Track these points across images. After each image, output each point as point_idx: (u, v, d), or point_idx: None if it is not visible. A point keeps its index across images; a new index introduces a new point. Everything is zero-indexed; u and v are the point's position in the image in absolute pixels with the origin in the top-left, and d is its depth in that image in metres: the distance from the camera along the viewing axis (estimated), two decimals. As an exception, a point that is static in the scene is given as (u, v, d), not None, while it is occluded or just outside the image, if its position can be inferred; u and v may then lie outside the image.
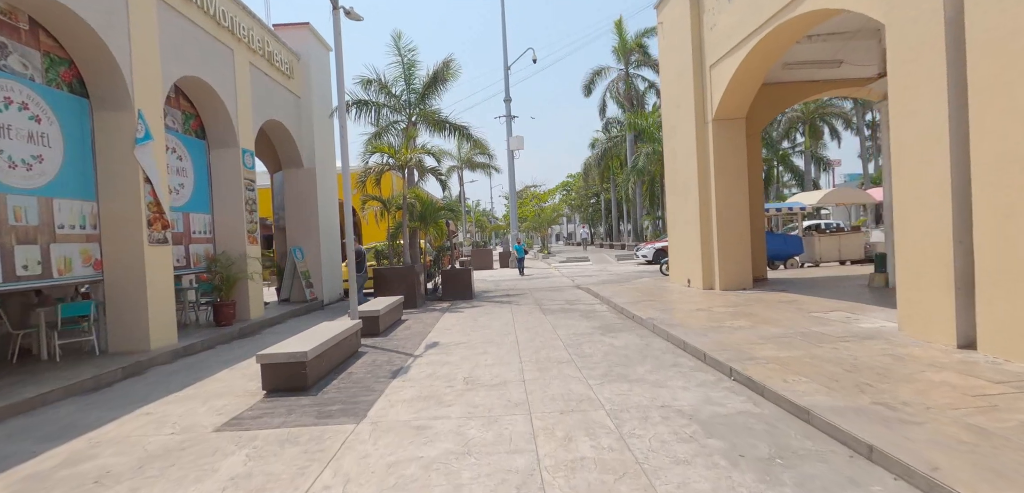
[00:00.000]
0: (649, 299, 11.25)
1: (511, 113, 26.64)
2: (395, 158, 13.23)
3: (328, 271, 15.67)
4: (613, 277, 18.75)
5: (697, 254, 12.34)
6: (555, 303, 12.59)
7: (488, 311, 11.78)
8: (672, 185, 14.10)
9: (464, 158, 41.29)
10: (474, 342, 8.20)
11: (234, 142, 11.33)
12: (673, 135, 13.77)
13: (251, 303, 11.40)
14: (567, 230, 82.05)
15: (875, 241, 17.36)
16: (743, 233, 11.82)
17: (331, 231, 16.24)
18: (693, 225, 12.54)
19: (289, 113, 14.41)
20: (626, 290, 13.21)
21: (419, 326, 10.16)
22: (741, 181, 11.79)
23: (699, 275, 12.31)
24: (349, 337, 7.45)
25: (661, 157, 29.74)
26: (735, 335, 7.01)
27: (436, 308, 12.94)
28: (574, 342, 7.76)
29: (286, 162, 15.08)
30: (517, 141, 26.14)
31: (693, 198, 12.44)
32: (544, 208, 41.96)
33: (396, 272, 13.22)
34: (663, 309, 9.69)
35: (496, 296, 14.85)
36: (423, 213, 14.92)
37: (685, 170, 12.94)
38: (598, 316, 10.20)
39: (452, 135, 16.02)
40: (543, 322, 9.81)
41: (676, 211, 13.86)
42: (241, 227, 11.39)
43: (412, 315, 11.82)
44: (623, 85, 34.40)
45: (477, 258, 27.14)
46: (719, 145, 11.67)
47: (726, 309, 9.20)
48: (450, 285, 14.62)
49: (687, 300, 10.71)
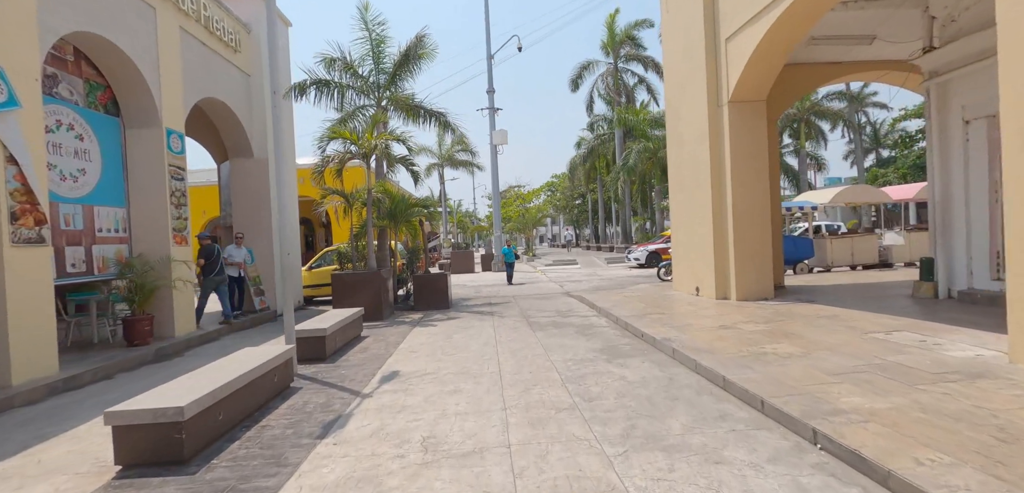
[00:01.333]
0: (656, 311, 9.52)
1: (494, 105, 24.83)
2: (358, 145, 11.31)
3: (285, 276, 13.61)
4: (606, 283, 17.05)
5: (708, 258, 10.66)
6: (544, 314, 10.80)
7: (466, 325, 9.94)
8: (677, 180, 12.43)
9: (445, 155, 39.43)
10: (444, 372, 6.35)
11: (156, 121, 9.31)
12: (678, 122, 12.10)
13: (177, 317, 9.38)
14: (552, 232, 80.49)
15: (888, 244, 16.00)
16: (764, 234, 10.18)
17: (290, 231, 14.17)
18: (703, 225, 10.86)
19: (236, 93, 12.39)
20: (626, 300, 11.48)
21: (379, 346, 8.27)
22: (761, 173, 10.15)
23: (711, 282, 10.63)
24: (274, 370, 5.55)
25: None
26: (789, 367, 5.29)
27: (406, 320, 11.05)
28: (574, 373, 5.97)
29: (233, 150, 13.05)
30: (501, 135, 24.34)
31: (703, 194, 10.77)
32: (529, 208, 40.22)
33: (357, 278, 11.30)
34: (677, 326, 7.95)
35: (476, 305, 13.01)
36: (393, 210, 13.01)
37: (693, 162, 11.27)
38: (598, 333, 8.43)
39: (428, 122, 14.14)
40: (532, 341, 8.01)
41: (681, 209, 12.18)
42: (165, 224, 9.36)
43: (375, 330, 9.92)
44: (611, 79, 32.85)
45: (457, 261, 25.25)
46: (736, 131, 10.01)
47: (756, 327, 7.50)
48: (423, 293, 12.73)
49: (702, 313, 9.01)
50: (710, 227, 10.56)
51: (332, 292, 11.35)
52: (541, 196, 55.31)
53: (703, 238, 10.90)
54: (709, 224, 10.59)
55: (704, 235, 10.84)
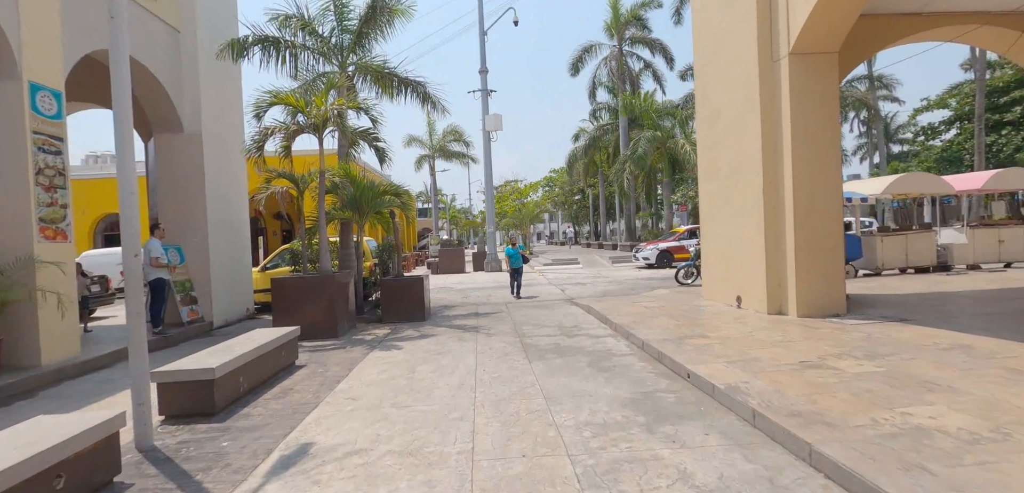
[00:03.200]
0: (694, 332, 7.07)
1: (487, 87, 22.32)
2: (306, 113, 8.81)
3: (226, 280, 11.14)
4: (614, 286, 14.60)
5: (756, 262, 8.23)
6: (544, 332, 8.35)
7: (441, 347, 7.48)
8: (708, 165, 9.97)
9: (436, 146, 36.91)
10: (382, 451, 3.89)
11: (13, 71, 6.79)
12: (712, 92, 9.64)
13: (43, 337, 6.88)
14: (549, 228, 78.03)
15: (948, 244, 13.62)
16: (835, 231, 7.75)
17: (235, 225, 11.72)
18: (748, 219, 8.43)
19: (157, 51, 9.86)
20: (648, 313, 9.02)
21: (309, 387, 5.80)
22: (832, 149, 7.72)
23: (759, 292, 8.20)
24: (84, 454, 3.08)
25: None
26: (1007, 472, 2.85)
27: (366, 338, 8.58)
28: (598, 461, 3.52)
29: (159, 124, 10.52)
30: (494, 120, 21.85)
31: (750, 179, 8.33)
32: (526, 203, 37.74)
33: (304, 285, 8.81)
34: (737, 359, 5.50)
35: (459, 316, 10.54)
36: (357, 198, 10.53)
37: (734, 139, 8.83)
38: (621, 368, 5.98)
39: (403, 94, 11.65)
40: (527, 381, 5.55)
41: (715, 201, 9.73)
42: (25, 212, 6.86)
43: (319, 355, 7.44)
44: (615, 64, 30.38)
45: (446, 260, 22.77)
46: (800, 94, 7.57)
47: (860, 365, 5.06)
48: (394, 301, 10.25)
49: (761, 337, 6.56)
50: (759, 221, 8.12)
51: (272, 303, 8.86)
52: (538, 191, 52.86)
53: (748, 236, 8.46)
54: (757, 218, 8.15)
55: (750, 232, 8.40)
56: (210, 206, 10.65)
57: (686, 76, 34.56)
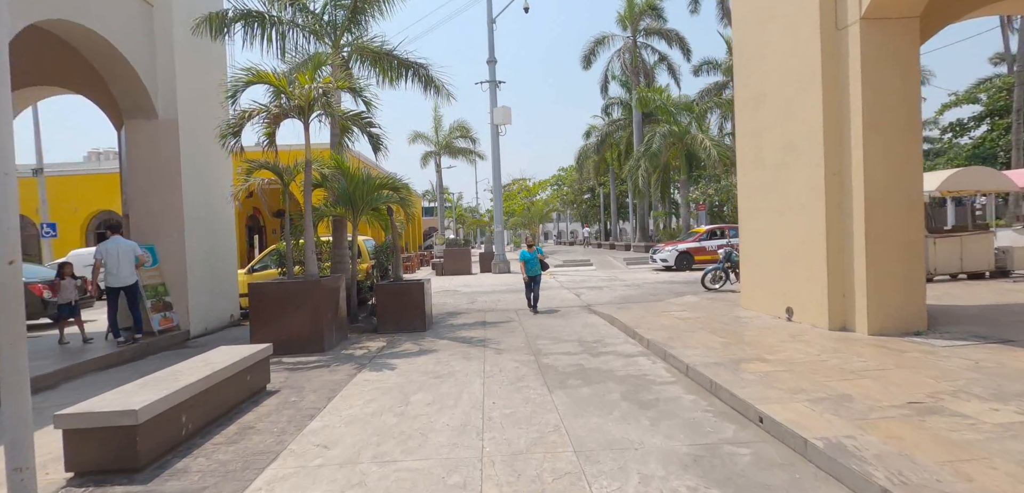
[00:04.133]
0: (753, 355, 5.82)
1: (495, 78, 21.10)
2: (289, 94, 7.64)
3: (206, 284, 10.02)
4: (634, 290, 13.35)
5: (814, 267, 6.97)
6: (563, 349, 7.13)
7: (442, 367, 6.28)
8: (750, 154, 8.70)
9: (442, 142, 35.72)
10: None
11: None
12: (758, 68, 8.37)
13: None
14: (558, 228, 76.71)
15: (1007, 246, 12.26)
16: (915, 230, 6.48)
17: (217, 221, 10.59)
18: (803, 215, 7.18)
19: (127, 27, 8.75)
20: (685, 327, 7.78)
21: (273, 426, 4.62)
22: (911, 134, 6.45)
23: (817, 303, 6.94)
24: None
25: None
26: None
27: (356, 353, 7.40)
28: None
29: (130, 109, 9.40)
30: (503, 113, 20.64)
31: (806, 169, 7.07)
32: (535, 202, 36.48)
33: (285, 291, 7.65)
34: (830, 400, 4.27)
35: (466, 326, 9.36)
36: (351, 193, 9.38)
37: (785, 123, 7.57)
38: (667, 402, 4.75)
39: (402, 77, 10.47)
40: (549, 422, 4.35)
41: (758, 195, 8.47)
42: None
43: (298, 375, 6.27)
44: (629, 56, 29.05)
45: (451, 260, 21.61)
46: (872, 65, 6.30)
47: (1010, 414, 3.82)
48: (390, 308, 9.07)
49: (841, 363, 5.31)
50: (818, 218, 6.86)
51: (250, 311, 7.71)
52: (547, 190, 51.53)
53: (802, 235, 7.21)
54: (816, 213, 6.89)
55: (804, 230, 7.14)
56: (187, 200, 9.53)
57: (700, 71, 33.18)
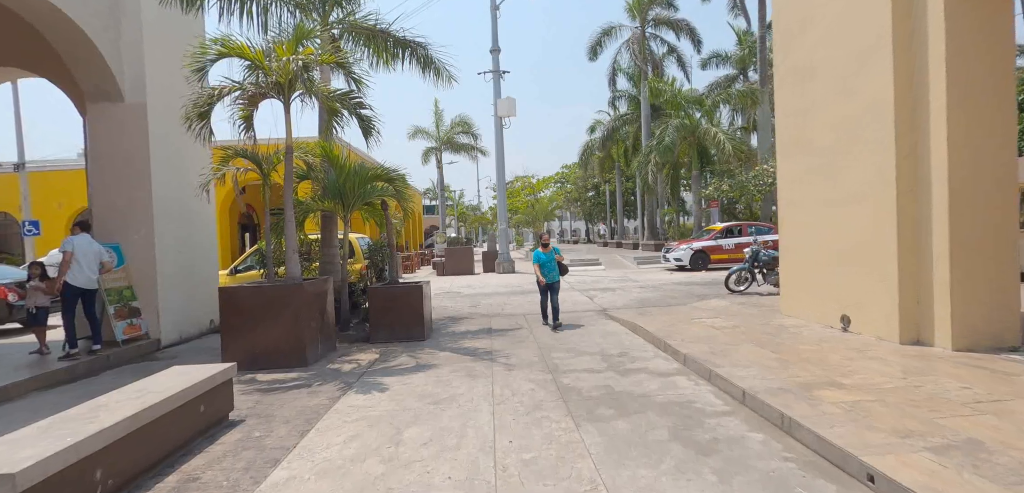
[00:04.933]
0: (824, 379, 4.76)
1: (499, 67, 20.05)
2: (265, 69, 6.60)
3: (180, 286, 8.99)
4: (652, 292, 12.31)
5: (877, 266, 5.92)
6: (584, 364, 6.09)
7: (441, 390, 5.24)
8: (795, 135, 7.62)
9: (443, 137, 34.68)
10: None
11: None
12: (805, 36, 7.28)
13: None
14: (560, 227, 75.63)
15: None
16: (1009, 224, 5.42)
17: (193, 216, 9.55)
18: (864, 206, 6.13)
19: (88, 0, 7.73)
20: (725, 339, 6.72)
21: (226, 475, 3.58)
22: (1006, 109, 5.39)
23: (883, 310, 5.88)
24: None
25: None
26: None
27: (342, 369, 6.37)
28: None
29: (93, 92, 8.37)
30: (507, 104, 19.59)
31: (868, 151, 6.02)
32: (539, 199, 35.40)
33: (260, 298, 6.62)
34: (957, 448, 3.22)
35: (469, 333, 8.33)
36: (340, 186, 8.35)
37: (841, 98, 6.50)
38: (730, 443, 3.70)
39: (399, 58, 9.43)
40: (582, 474, 3.31)
41: (804, 183, 7.40)
42: None
43: (266, 401, 5.24)
44: (637, 47, 27.96)
45: (453, 260, 20.58)
46: (959, 24, 5.24)
47: None
48: (384, 315, 8.03)
49: (935, 389, 4.26)
50: (886, 210, 5.80)
51: (220, 320, 6.68)
52: (550, 188, 50.35)
53: (865, 231, 6.15)
54: (884, 205, 5.84)
55: (867, 225, 6.09)
56: (158, 193, 8.50)
57: (709, 65, 32.11)
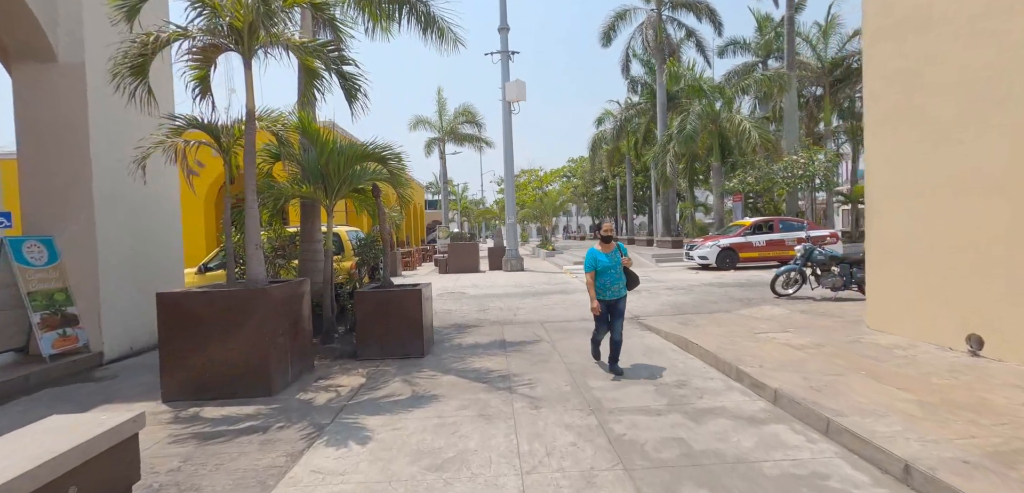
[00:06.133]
0: (1017, 443, 3.23)
1: (508, 48, 18.46)
2: (217, 8, 5.04)
3: (130, 288, 7.46)
4: (682, 295, 10.76)
5: (1021, 276, 4.35)
6: (636, 399, 4.53)
7: (445, 441, 3.71)
8: (894, 102, 6.02)
9: (447, 128, 33.10)
10: None
11: None
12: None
13: None
14: (565, 222, 74.02)
15: None
16: None
17: (151, 203, 8.02)
18: (1011, 197, 4.55)
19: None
20: (816, 361, 5.17)
21: None
22: None
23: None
24: None
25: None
26: None
27: (317, 401, 4.84)
28: None
29: (18, 50, 6.84)
30: (517, 88, 18.01)
31: (1011, 122, 4.44)
32: (548, 192, 33.79)
33: (211, 307, 5.10)
34: None
35: (478, 347, 6.79)
36: (322, 167, 6.82)
37: (973, 44, 4.92)
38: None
39: (395, 17, 7.89)
40: None
41: (909, 165, 5.83)
42: None
43: (202, 451, 3.71)
44: (653, 32, 26.29)
45: (457, 255, 19.04)
46: None
47: None
48: (374, 325, 6.49)
49: None
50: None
51: (159, 336, 5.15)
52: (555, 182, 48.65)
53: (1003, 227, 4.59)
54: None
55: (1006, 220, 4.53)
56: (101, 173, 6.97)
57: (725, 52, 30.41)
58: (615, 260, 5.29)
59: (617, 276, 5.29)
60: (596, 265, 5.27)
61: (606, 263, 5.25)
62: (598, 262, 5.26)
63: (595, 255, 5.31)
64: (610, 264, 5.26)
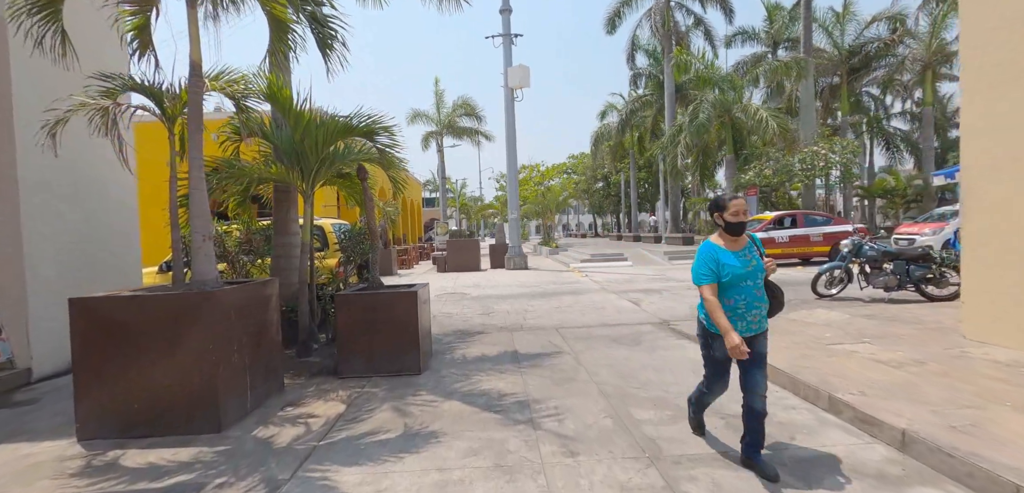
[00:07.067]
0: None
1: (510, 30, 17.26)
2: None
3: (74, 291, 6.22)
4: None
5: None
6: (709, 446, 3.36)
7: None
8: (1012, 53, 4.86)
9: (444, 121, 31.88)
10: None
11: None
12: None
13: None
14: (566, 218, 72.87)
15: None
16: None
17: (96, 189, 6.79)
18: None
19: None
20: (935, 386, 3.99)
21: None
22: None
23: None
24: None
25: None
26: None
27: (280, 438, 3.65)
28: None
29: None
30: (520, 73, 16.81)
31: None
32: (551, 188, 32.57)
33: (141, 316, 3.90)
34: None
35: (486, 361, 5.60)
36: (297, 144, 5.64)
37: None
38: None
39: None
40: None
41: (1021, 135, 4.66)
42: None
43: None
44: (660, 19, 25.11)
45: (457, 253, 17.83)
46: None
47: None
48: (357, 336, 5.28)
49: None
50: None
51: (73, 353, 3.96)
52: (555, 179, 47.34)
53: None
54: None
55: None
56: (25, 155, 5.74)
57: (733, 42, 29.25)
58: (753, 264, 3.00)
59: (756, 294, 2.98)
60: (720, 272, 2.95)
61: (737, 269, 2.95)
62: (724, 267, 2.95)
63: (716, 254, 2.98)
64: (744, 271, 2.95)
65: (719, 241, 3.05)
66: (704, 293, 2.98)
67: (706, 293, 2.97)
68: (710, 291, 2.95)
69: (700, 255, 3.05)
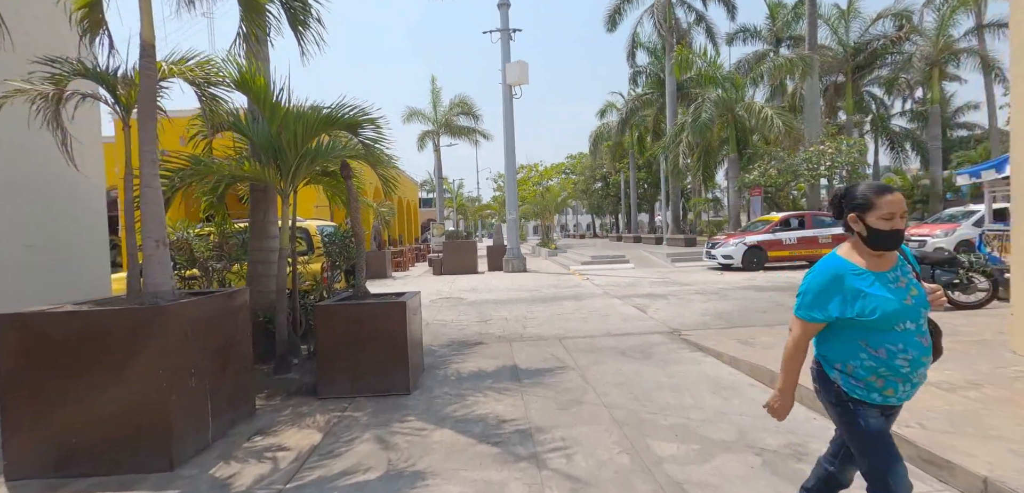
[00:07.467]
0: None
1: (509, 25, 16.72)
2: None
3: (29, 302, 5.65)
4: (719, 301, 9.02)
5: None
6: (740, 480, 2.84)
7: None
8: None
9: (441, 120, 31.34)
10: None
11: None
12: None
13: None
14: (564, 219, 72.35)
15: None
16: None
17: (66, 190, 6.19)
18: None
19: None
20: (971, 403, 3.47)
21: None
22: None
23: None
24: None
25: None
26: None
27: (247, 471, 3.10)
28: None
29: None
30: (518, 70, 16.27)
31: None
32: (549, 188, 32.03)
33: (78, 328, 3.34)
34: None
35: (483, 378, 5.05)
36: (275, 138, 5.08)
37: None
38: None
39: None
40: None
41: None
42: None
43: None
44: (662, 16, 24.61)
45: (453, 255, 17.27)
46: None
47: None
48: (339, 352, 4.74)
49: None
50: None
51: (0, 384, 3.39)
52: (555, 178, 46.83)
53: None
54: None
55: None
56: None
57: (734, 40, 28.83)
58: (913, 295, 1.87)
59: (921, 342, 1.86)
60: (855, 308, 1.86)
61: (891, 303, 1.83)
62: (868, 301, 1.85)
63: (850, 279, 1.90)
64: (901, 305, 1.84)
65: (854, 256, 1.94)
66: (795, 329, 1.99)
67: (797, 329, 1.98)
68: (806, 332, 1.97)
69: (818, 275, 1.95)
